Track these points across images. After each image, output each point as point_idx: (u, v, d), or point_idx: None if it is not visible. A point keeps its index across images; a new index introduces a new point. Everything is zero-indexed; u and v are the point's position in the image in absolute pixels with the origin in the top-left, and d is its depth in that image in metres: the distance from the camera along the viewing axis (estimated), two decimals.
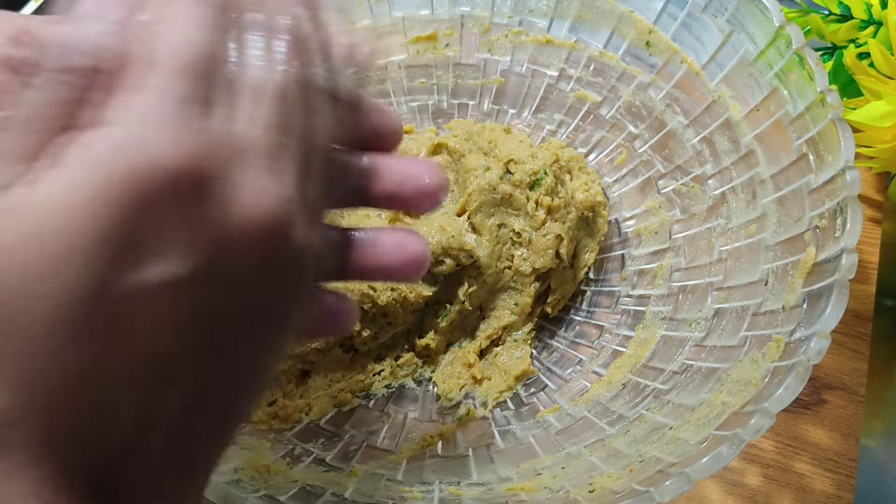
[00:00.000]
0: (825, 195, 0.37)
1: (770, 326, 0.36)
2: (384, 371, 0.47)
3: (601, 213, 0.50)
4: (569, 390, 0.46)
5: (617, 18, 0.49)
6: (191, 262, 0.17)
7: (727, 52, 0.44)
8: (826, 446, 0.45)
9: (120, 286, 0.16)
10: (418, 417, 0.46)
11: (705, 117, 0.46)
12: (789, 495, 0.44)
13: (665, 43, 0.47)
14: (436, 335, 0.47)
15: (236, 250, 0.18)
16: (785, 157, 0.40)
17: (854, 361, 0.48)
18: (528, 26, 0.53)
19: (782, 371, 0.32)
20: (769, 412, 0.30)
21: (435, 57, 0.54)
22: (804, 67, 0.39)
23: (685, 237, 0.48)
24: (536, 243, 0.46)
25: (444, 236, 0.44)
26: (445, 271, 0.45)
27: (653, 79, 0.49)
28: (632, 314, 0.48)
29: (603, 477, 0.34)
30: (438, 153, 0.50)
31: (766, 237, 0.41)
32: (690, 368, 0.40)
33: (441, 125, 0.56)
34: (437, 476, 0.39)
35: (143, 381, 0.17)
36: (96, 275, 0.15)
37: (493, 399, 0.46)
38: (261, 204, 0.18)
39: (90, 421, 0.16)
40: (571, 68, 0.53)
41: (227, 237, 0.17)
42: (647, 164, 0.51)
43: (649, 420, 0.38)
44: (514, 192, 0.46)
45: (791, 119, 0.40)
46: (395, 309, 0.45)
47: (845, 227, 0.34)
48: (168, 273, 0.16)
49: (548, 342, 0.50)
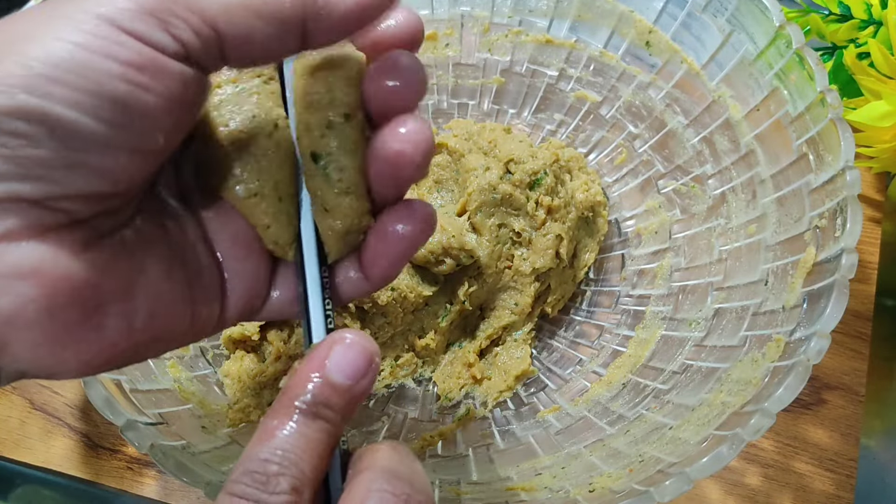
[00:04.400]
0: (825, 195, 0.36)
1: (770, 326, 0.36)
2: (384, 371, 0.47)
3: (601, 213, 0.50)
4: (569, 390, 0.46)
5: (617, 18, 0.49)
6: None
7: (727, 52, 0.44)
8: (826, 446, 0.45)
9: None
10: (418, 417, 0.46)
11: (705, 117, 0.46)
12: (789, 495, 0.44)
13: (665, 43, 0.47)
14: (436, 335, 0.47)
15: None
16: (785, 157, 0.40)
17: (854, 361, 0.48)
18: (528, 26, 0.53)
19: (782, 371, 0.32)
20: (769, 412, 0.30)
21: (435, 57, 0.54)
22: (804, 67, 0.39)
23: (685, 237, 0.48)
24: (536, 243, 0.46)
25: (445, 236, 0.44)
26: (445, 271, 0.45)
27: (653, 79, 0.49)
28: (632, 314, 0.48)
29: (603, 477, 0.34)
30: (438, 153, 0.50)
31: (766, 237, 0.40)
32: (690, 368, 0.40)
33: (441, 125, 0.56)
34: (437, 476, 0.39)
35: None
36: None
37: (493, 399, 0.46)
38: None
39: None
40: (571, 68, 0.53)
41: None
42: (647, 164, 0.51)
43: (649, 420, 0.38)
44: (514, 192, 0.46)
45: (791, 119, 0.40)
46: (394, 309, 0.45)
47: (845, 227, 0.34)
48: None
49: (548, 342, 0.50)
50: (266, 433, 0.21)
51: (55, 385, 0.49)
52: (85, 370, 0.21)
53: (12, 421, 0.48)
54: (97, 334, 0.21)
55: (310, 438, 0.21)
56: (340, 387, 0.22)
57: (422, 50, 0.54)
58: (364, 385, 0.23)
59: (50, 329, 0.19)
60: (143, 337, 0.22)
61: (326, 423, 0.22)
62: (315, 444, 0.21)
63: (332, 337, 0.23)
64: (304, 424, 0.21)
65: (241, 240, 0.25)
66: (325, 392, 0.22)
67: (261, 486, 0.20)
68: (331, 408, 0.22)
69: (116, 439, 0.47)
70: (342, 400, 0.22)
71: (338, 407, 0.22)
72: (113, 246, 0.21)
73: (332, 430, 0.22)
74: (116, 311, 0.21)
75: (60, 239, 0.19)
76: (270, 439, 0.21)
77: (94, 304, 0.20)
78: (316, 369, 0.22)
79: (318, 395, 0.22)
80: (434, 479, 0.38)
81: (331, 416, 0.22)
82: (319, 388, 0.22)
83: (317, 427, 0.22)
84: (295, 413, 0.22)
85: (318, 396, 0.22)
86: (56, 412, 0.48)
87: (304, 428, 0.21)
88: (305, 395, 0.22)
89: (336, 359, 0.22)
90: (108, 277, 0.21)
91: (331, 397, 0.22)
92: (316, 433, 0.22)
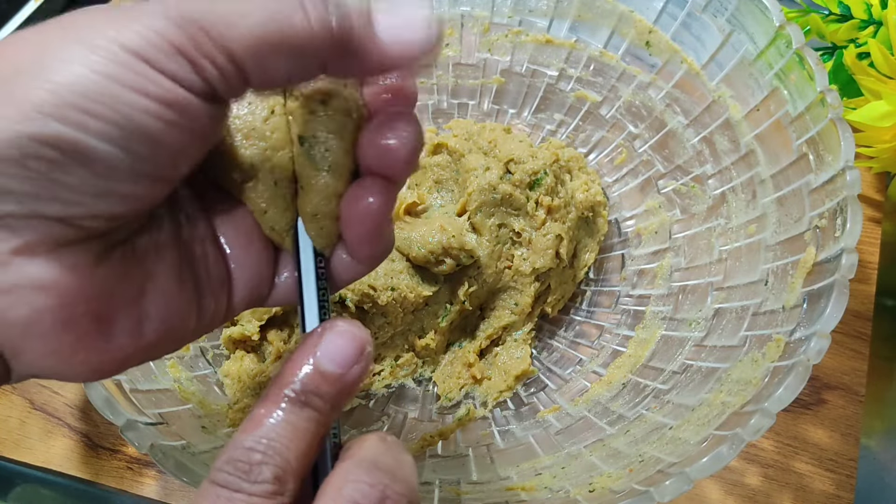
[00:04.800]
0: (825, 195, 0.36)
1: (770, 326, 0.36)
2: (384, 371, 0.47)
3: (601, 213, 0.50)
4: (569, 390, 0.46)
5: (617, 18, 0.49)
6: None
7: (727, 52, 0.44)
8: (826, 446, 0.45)
9: None
10: (418, 417, 0.46)
11: (705, 117, 0.46)
12: (789, 495, 0.44)
13: (665, 43, 0.47)
14: (436, 335, 0.47)
15: None
16: (785, 157, 0.40)
17: (854, 361, 0.48)
18: (528, 26, 0.53)
19: (782, 371, 0.32)
20: (769, 412, 0.30)
21: None
22: (804, 67, 0.39)
23: (685, 237, 0.48)
24: (536, 243, 0.46)
25: (445, 236, 0.44)
26: (446, 271, 0.45)
27: (653, 79, 0.49)
28: (632, 314, 0.48)
29: (603, 477, 0.34)
30: (438, 153, 0.50)
31: (766, 237, 0.40)
32: (690, 368, 0.40)
33: (441, 125, 0.56)
34: (437, 475, 0.39)
35: None
36: None
37: (493, 399, 0.46)
38: None
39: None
40: (571, 68, 0.53)
41: None
42: (647, 164, 0.51)
43: (649, 420, 0.38)
44: (514, 192, 0.46)
45: (791, 119, 0.40)
46: (394, 309, 0.45)
47: (845, 227, 0.34)
48: None
49: (548, 342, 0.50)
50: (253, 421, 0.21)
51: (55, 385, 0.49)
52: (96, 375, 0.21)
53: (12, 421, 0.48)
54: (108, 342, 0.21)
55: (297, 427, 0.21)
56: (331, 375, 0.22)
57: None
58: (355, 374, 0.22)
59: (63, 338, 0.20)
60: (154, 339, 0.22)
61: (315, 412, 0.22)
62: (302, 434, 0.21)
63: (323, 325, 0.23)
64: (291, 413, 0.21)
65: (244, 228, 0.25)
66: (315, 380, 0.22)
67: (243, 474, 0.20)
68: (320, 396, 0.22)
69: (116, 439, 0.47)
70: (332, 389, 0.22)
71: (327, 396, 0.22)
72: (125, 254, 0.21)
73: (321, 420, 0.22)
74: (127, 318, 0.21)
75: (76, 252, 0.19)
76: (257, 428, 0.21)
77: (106, 313, 0.20)
78: (306, 357, 0.22)
79: (307, 383, 0.22)
80: (434, 479, 0.38)
81: (320, 405, 0.22)
82: (309, 376, 0.22)
83: (305, 416, 0.21)
84: (283, 401, 0.21)
85: (307, 385, 0.22)
86: (56, 412, 0.48)
87: (292, 416, 0.21)
88: (294, 383, 0.22)
89: (326, 347, 0.22)
90: (121, 286, 0.21)
91: (320, 386, 0.22)
92: (303, 422, 0.21)
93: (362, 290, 0.43)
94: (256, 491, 0.20)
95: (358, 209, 0.24)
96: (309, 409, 0.22)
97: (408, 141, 0.23)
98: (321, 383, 0.22)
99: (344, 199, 0.24)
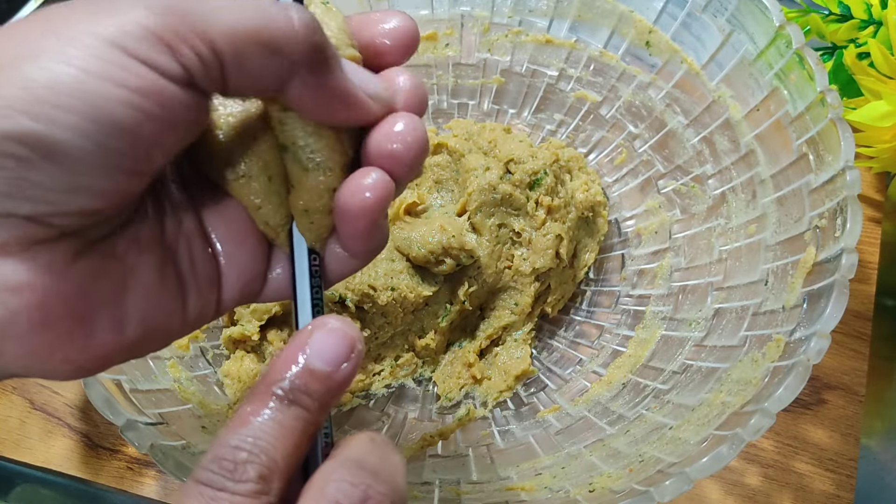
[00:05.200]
0: (825, 195, 0.36)
1: (770, 326, 0.36)
2: (384, 371, 0.47)
3: (601, 213, 0.50)
4: (569, 390, 0.46)
5: (617, 18, 0.49)
6: None
7: (727, 52, 0.44)
8: (826, 446, 0.45)
9: None
10: (418, 417, 0.46)
11: (705, 117, 0.46)
12: (789, 495, 0.44)
13: (665, 43, 0.47)
14: (436, 335, 0.47)
15: None
16: (785, 157, 0.40)
17: (854, 361, 0.48)
18: (528, 26, 0.53)
19: (782, 371, 0.32)
20: (769, 412, 0.30)
21: (435, 57, 0.54)
22: (804, 67, 0.39)
23: (685, 237, 0.48)
24: (536, 243, 0.46)
25: (445, 236, 0.44)
26: (446, 271, 0.45)
27: (653, 79, 0.49)
28: (632, 314, 0.48)
29: (603, 477, 0.34)
30: (438, 153, 0.50)
31: (766, 237, 0.40)
32: (690, 368, 0.40)
33: (441, 125, 0.56)
34: (437, 475, 0.39)
35: None
36: None
37: (493, 399, 0.46)
38: None
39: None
40: (571, 68, 0.53)
41: None
42: (647, 164, 0.51)
43: (649, 420, 0.38)
44: (514, 191, 0.46)
45: (791, 119, 0.40)
46: (394, 309, 0.45)
47: (845, 226, 0.34)
48: None
49: (548, 342, 0.50)
50: (240, 419, 0.21)
51: (55, 385, 0.49)
52: (78, 373, 0.21)
53: (12, 421, 0.48)
54: (88, 340, 0.21)
55: (284, 426, 0.21)
56: (320, 373, 0.22)
57: (422, 50, 0.54)
58: (345, 372, 0.22)
59: (40, 338, 0.19)
60: (136, 337, 0.22)
61: (303, 411, 0.21)
62: (290, 432, 0.21)
63: (314, 322, 0.23)
64: (279, 411, 0.21)
65: (237, 224, 0.25)
66: (304, 378, 0.21)
67: (227, 473, 0.20)
68: (309, 395, 0.21)
69: (116, 439, 0.47)
70: (322, 387, 0.22)
71: (316, 394, 0.22)
72: (105, 252, 0.21)
73: (310, 419, 0.22)
74: (107, 317, 0.21)
75: (51, 250, 0.19)
76: (243, 426, 0.21)
77: (84, 312, 0.20)
78: (295, 355, 0.22)
79: (296, 381, 0.21)
80: (434, 479, 0.38)
81: (308, 404, 0.21)
82: (298, 374, 0.21)
83: (292, 414, 0.21)
84: (271, 399, 0.21)
85: (296, 383, 0.21)
86: (56, 412, 0.48)
87: (279, 415, 0.21)
88: (283, 381, 0.21)
89: (317, 345, 0.22)
90: (99, 285, 0.21)
91: (309, 384, 0.21)
92: (291, 420, 0.21)
93: (362, 290, 0.43)
94: (240, 490, 0.20)
95: (354, 204, 0.23)
96: (297, 407, 0.21)
97: (413, 146, 0.23)
98: (310, 381, 0.22)
99: (340, 193, 0.24)
